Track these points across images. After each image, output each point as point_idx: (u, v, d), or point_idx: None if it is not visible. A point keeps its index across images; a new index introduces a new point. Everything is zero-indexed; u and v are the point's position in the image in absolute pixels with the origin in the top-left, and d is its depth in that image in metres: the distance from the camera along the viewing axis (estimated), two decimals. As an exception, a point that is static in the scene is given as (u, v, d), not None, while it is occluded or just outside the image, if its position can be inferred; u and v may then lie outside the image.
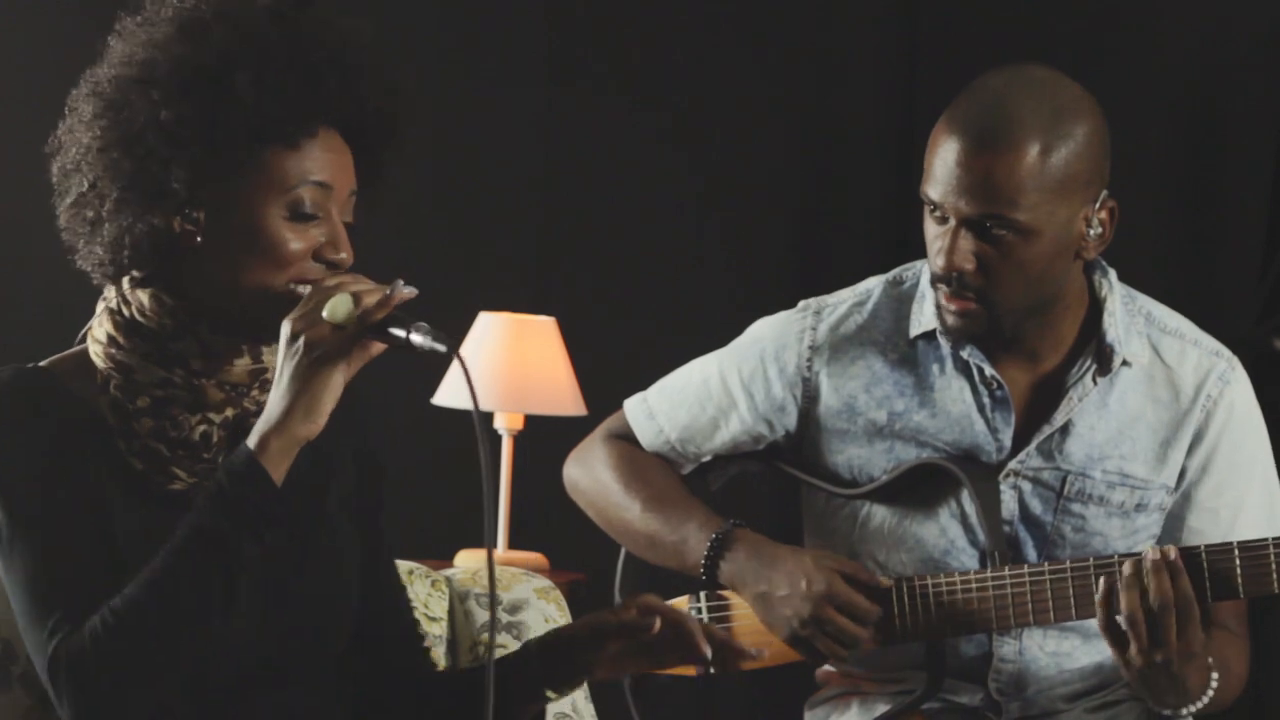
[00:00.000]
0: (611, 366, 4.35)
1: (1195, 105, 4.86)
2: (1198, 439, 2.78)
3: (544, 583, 2.78)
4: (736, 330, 2.97)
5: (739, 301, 3.53)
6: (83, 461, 2.18)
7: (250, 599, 2.16)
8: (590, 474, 2.99)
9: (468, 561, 4.35)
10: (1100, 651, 2.80)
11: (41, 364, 2.26)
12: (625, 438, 2.99)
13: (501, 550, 4.52)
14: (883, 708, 2.85)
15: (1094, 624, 2.75)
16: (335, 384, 2.13)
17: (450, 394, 4.45)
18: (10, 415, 2.19)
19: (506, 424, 4.54)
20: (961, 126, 2.63)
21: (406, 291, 2.14)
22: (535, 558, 4.49)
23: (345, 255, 2.21)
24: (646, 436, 2.97)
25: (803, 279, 4.87)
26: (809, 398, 2.86)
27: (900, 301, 2.86)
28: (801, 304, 2.92)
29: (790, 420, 2.88)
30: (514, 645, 2.62)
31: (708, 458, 2.97)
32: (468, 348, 4.53)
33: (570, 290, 5.01)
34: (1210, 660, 2.64)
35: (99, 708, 2.11)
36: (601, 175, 5.10)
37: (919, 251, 2.90)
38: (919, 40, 5.12)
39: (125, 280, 2.24)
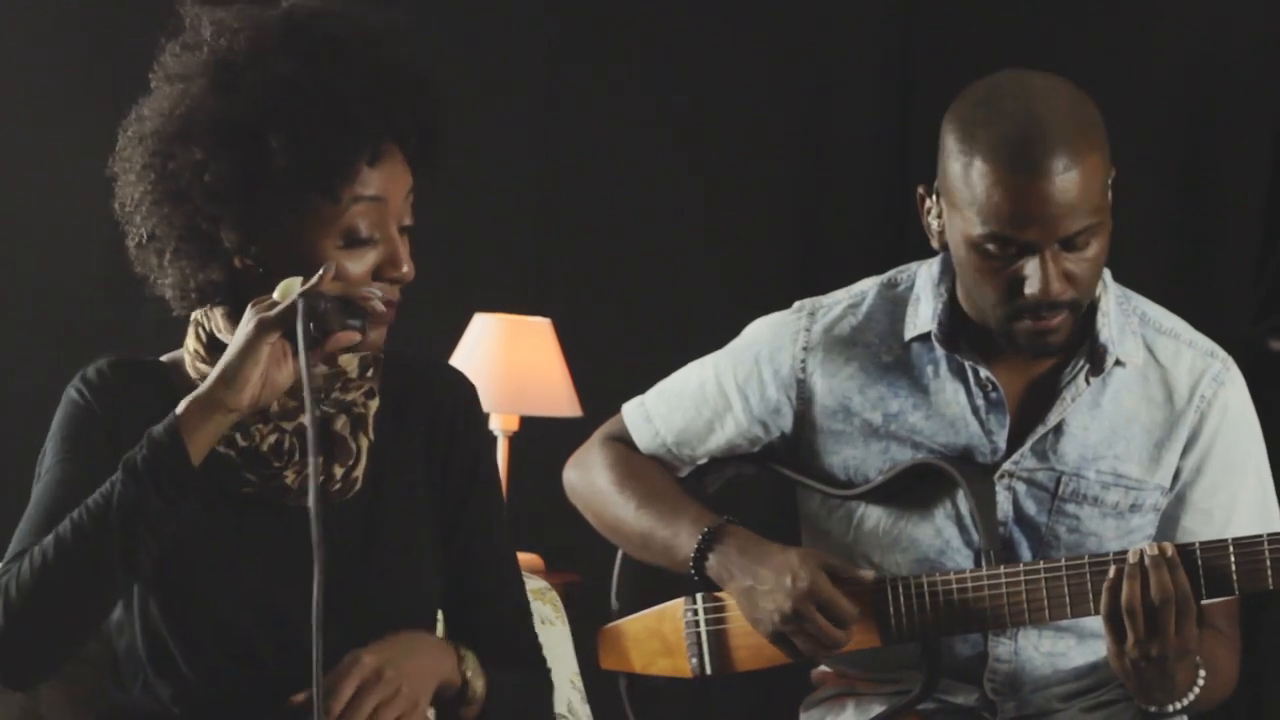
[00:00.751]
0: (607, 368, 4.35)
1: (1193, 104, 4.86)
2: (1192, 440, 2.78)
3: (540, 584, 2.78)
4: (733, 332, 2.97)
5: (735, 303, 3.52)
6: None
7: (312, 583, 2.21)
8: (586, 476, 2.99)
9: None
10: (1095, 651, 2.80)
11: (162, 358, 2.34)
12: (622, 441, 2.99)
13: (498, 551, 4.52)
14: (878, 708, 2.85)
15: (1089, 623, 2.75)
16: (259, 355, 2.14)
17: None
18: (96, 398, 2.26)
19: (502, 425, 4.54)
20: (1016, 159, 2.59)
21: (367, 292, 2.18)
22: (531, 559, 4.49)
23: (406, 270, 2.25)
24: (643, 439, 2.97)
25: (799, 280, 4.88)
26: (804, 399, 2.86)
27: (895, 304, 2.85)
28: (796, 305, 2.92)
29: (785, 422, 2.88)
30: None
31: (704, 460, 2.97)
32: (463, 349, 4.53)
33: (566, 291, 5.01)
34: (1198, 659, 2.65)
35: (9, 648, 2.16)
36: (598, 176, 5.10)
37: (915, 252, 2.89)
38: (915, 41, 5.12)
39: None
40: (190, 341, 2.31)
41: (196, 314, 2.30)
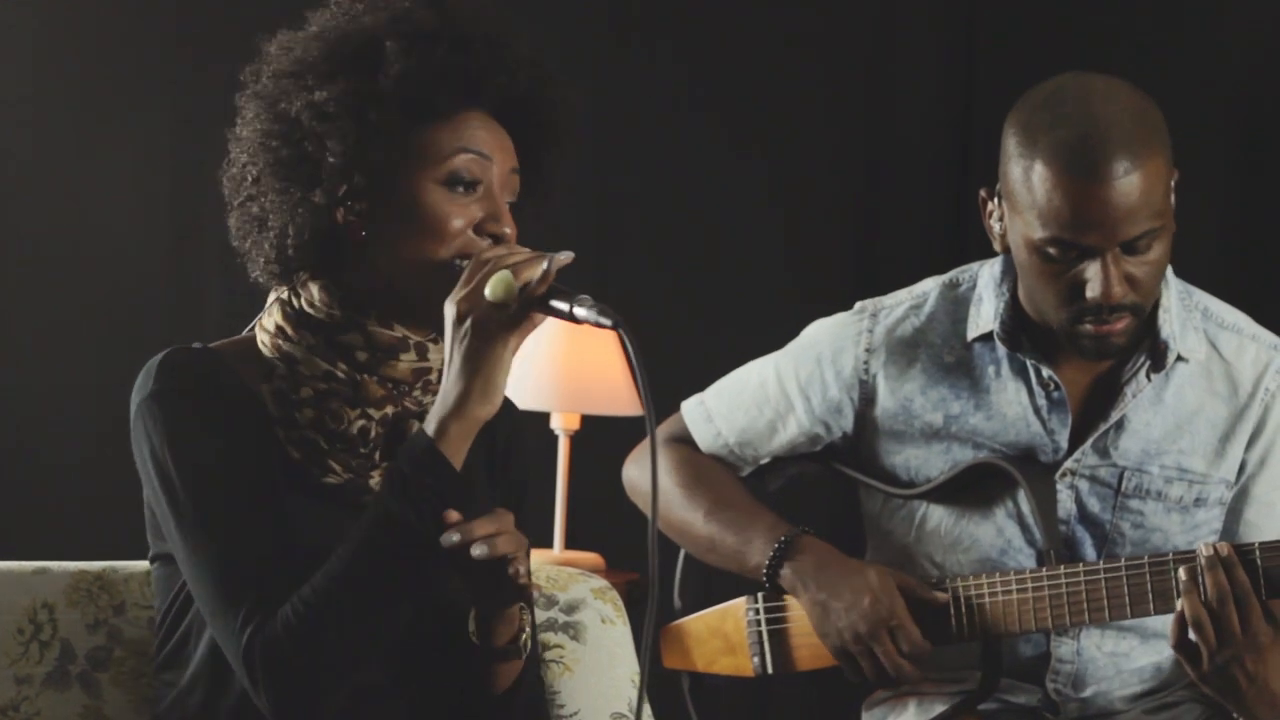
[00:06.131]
0: (668, 366, 4.33)
1: (1255, 98, 4.83)
2: (1257, 433, 2.77)
3: (600, 583, 2.78)
4: (793, 331, 2.97)
5: (795, 302, 3.52)
6: (252, 444, 2.18)
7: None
8: (649, 476, 2.98)
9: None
10: (1158, 651, 2.79)
11: (211, 345, 2.26)
12: (683, 440, 2.99)
13: (558, 550, 4.52)
14: (940, 708, 2.85)
15: (1152, 623, 2.75)
16: (506, 361, 2.14)
17: (515, 395, 4.44)
18: (186, 394, 2.18)
19: (563, 424, 4.54)
20: (1077, 164, 2.58)
21: (563, 257, 2.15)
22: (592, 558, 4.49)
23: (509, 230, 2.21)
24: (704, 439, 2.97)
25: (859, 279, 4.87)
26: (866, 400, 2.86)
27: (956, 304, 2.85)
28: (858, 306, 2.91)
29: (847, 422, 2.88)
30: (571, 646, 2.62)
31: (766, 460, 2.97)
32: (525, 348, 4.53)
33: (627, 290, 5.01)
34: None
35: (296, 696, 2.12)
36: (659, 175, 5.10)
37: (975, 251, 2.88)
38: (977, 38, 5.11)
39: (300, 274, 2.25)
40: (271, 320, 2.24)
41: (282, 291, 2.25)
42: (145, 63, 4.75)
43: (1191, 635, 2.58)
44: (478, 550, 2.12)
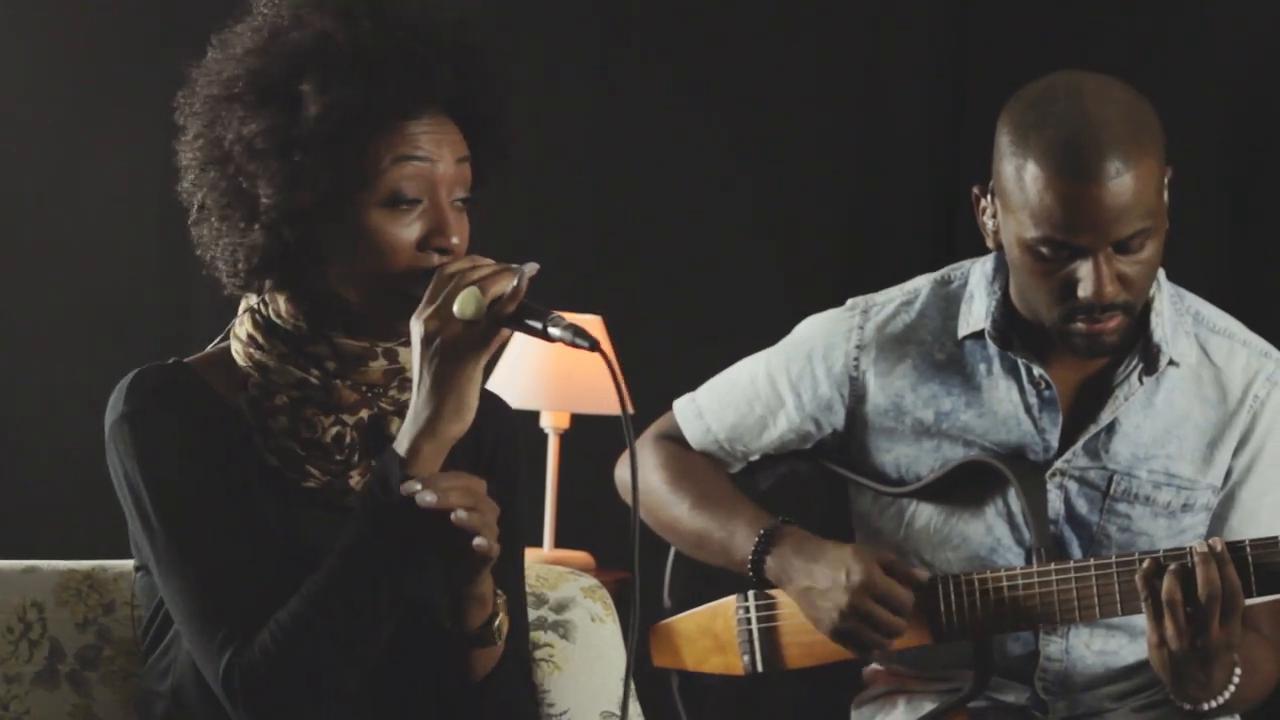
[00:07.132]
0: (658, 365, 4.35)
1: (1249, 100, 4.84)
2: (1244, 439, 2.77)
3: (590, 581, 2.78)
4: (784, 328, 2.97)
5: (786, 299, 3.52)
6: (226, 460, 2.17)
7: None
8: (639, 474, 2.98)
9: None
10: (1147, 650, 2.79)
11: (185, 360, 2.25)
12: (674, 438, 2.99)
13: (547, 549, 4.52)
14: (929, 706, 2.85)
15: (1141, 621, 2.74)
16: (476, 377, 2.11)
17: (504, 393, 4.44)
18: (155, 414, 2.16)
19: (552, 423, 4.54)
20: (1069, 163, 2.58)
21: (530, 270, 2.12)
22: (581, 556, 4.49)
23: (456, 241, 2.17)
24: (695, 435, 2.97)
25: (850, 277, 4.87)
26: (856, 396, 2.86)
27: (948, 301, 2.85)
28: (849, 302, 2.92)
29: (838, 419, 2.88)
30: (561, 645, 2.62)
31: (756, 457, 2.97)
32: (514, 346, 4.53)
33: (616, 288, 5.01)
34: (1236, 657, 2.63)
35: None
36: (649, 173, 5.10)
37: (966, 249, 2.88)
38: (968, 38, 5.11)
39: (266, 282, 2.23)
40: (242, 329, 2.23)
41: (252, 299, 2.24)
42: (136, 63, 4.75)
43: (1165, 612, 2.58)
44: (426, 498, 2.08)
